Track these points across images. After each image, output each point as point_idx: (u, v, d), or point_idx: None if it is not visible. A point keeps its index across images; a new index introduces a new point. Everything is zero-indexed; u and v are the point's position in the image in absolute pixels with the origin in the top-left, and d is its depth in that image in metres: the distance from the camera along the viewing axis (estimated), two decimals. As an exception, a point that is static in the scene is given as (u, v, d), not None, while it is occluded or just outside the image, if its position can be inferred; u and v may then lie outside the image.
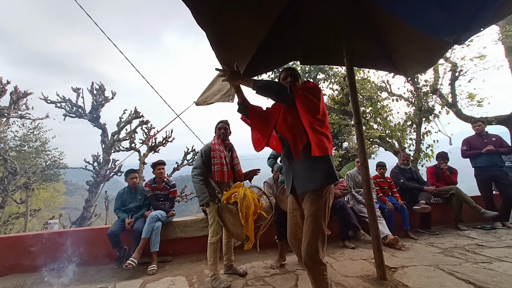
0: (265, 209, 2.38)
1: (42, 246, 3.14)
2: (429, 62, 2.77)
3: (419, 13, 2.15)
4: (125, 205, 3.49)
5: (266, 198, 2.54)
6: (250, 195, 2.30)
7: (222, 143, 2.75)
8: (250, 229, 2.20)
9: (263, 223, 2.33)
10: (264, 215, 2.33)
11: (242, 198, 2.25)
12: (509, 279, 2.21)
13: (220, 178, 2.58)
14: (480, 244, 3.28)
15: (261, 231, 2.35)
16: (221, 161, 2.63)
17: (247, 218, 2.19)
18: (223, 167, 2.62)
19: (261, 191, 2.58)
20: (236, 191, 2.36)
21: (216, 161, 2.60)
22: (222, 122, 2.85)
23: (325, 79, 8.91)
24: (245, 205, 2.22)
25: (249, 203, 2.23)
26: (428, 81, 7.37)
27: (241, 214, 2.20)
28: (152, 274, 2.82)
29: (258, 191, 2.56)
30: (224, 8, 1.73)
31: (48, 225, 9.86)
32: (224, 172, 2.61)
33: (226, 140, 2.81)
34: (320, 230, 1.57)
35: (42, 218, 17.50)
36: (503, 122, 6.56)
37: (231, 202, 2.31)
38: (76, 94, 9.69)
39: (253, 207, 2.22)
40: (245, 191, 2.32)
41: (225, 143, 2.79)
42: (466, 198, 4.13)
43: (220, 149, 2.67)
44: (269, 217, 2.39)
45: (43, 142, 16.57)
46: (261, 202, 2.38)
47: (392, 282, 2.25)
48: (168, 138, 12.05)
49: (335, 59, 3.18)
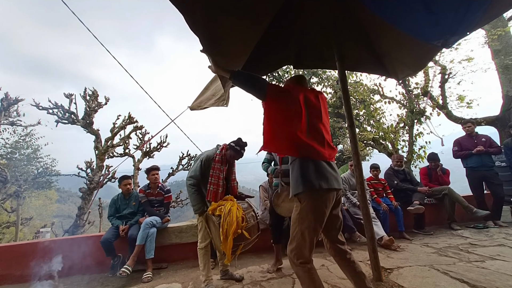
0: (249, 228, 2.30)
1: (33, 255, 3.07)
2: (418, 65, 2.84)
3: (408, 19, 2.21)
4: (119, 212, 3.44)
5: (253, 216, 2.47)
6: (235, 212, 2.24)
7: (226, 161, 2.64)
8: (228, 247, 2.14)
9: (243, 243, 2.24)
10: (246, 236, 2.24)
11: (227, 214, 2.20)
12: (502, 277, 2.24)
13: (212, 199, 2.48)
14: (473, 243, 3.33)
15: (239, 250, 2.25)
16: (218, 181, 2.52)
17: (227, 236, 2.14)
18: (218, 188, 2.51)
19: (251, 208, 2.52)
20: (223, 204, 2.32)
21: (214, 181, 2.51)
22: (241, 153, 2.65)
23: (318, 82, 9.02)
24: (227, 221, 2.17)
25: (232, 221, 2.17)
26: (419, 84, 7.52)
27: (221, 230, 2.16)
28: (147, 281, 2.78)
29: (247, 207, 2.50)
30: (217, 14, 1.75)
31: (39, 234, 9.63)
32: (218, 194, 2.51)
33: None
34: (297, 235, 1.61)
35: (34, 227, 17.11)
36: (492, 123, 6.71)
37: (216, 214, 2.27)
38: (68, 100, 9.57)
39: (234, 225, 2.16)
40: (231, 207, 2.27)
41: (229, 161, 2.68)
42: (458, 198, 4.20)
43: (220, 169, 2.56)
44: (251, 238, 2.31)
45: (35, 149, 16.32)
46: (245, 221, 2.30)
47: (388, 283, 2.26)
48: (162, 143, 11.97)
49: (327, 63, 3.23)
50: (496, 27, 6.57)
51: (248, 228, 2.30)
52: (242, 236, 2.23)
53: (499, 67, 6.62)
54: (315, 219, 1.58)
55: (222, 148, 2.67)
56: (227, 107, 3.15)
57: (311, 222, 1.58)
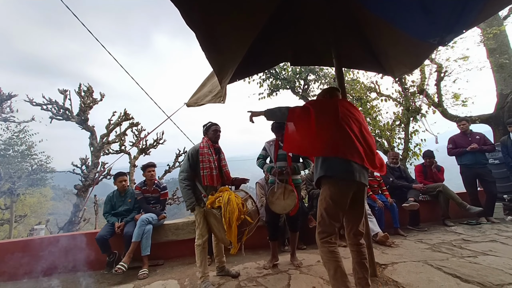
0: (250, 213, 2.34)
1: (27, 252, 3.05)
2: (415, 63, 2.85)
3: (405, 17, 2.22)
4: (115, 209, 3.42)
5: (252, 202, 2.51)
6: (234, 199, 2.27)
7: (212, 146, 2.70)
8: (233, 235, 2.18)
9: (247, 228, 2.30)
10: (249, 220, 2.29)
11: (226, 203, 2.23)
12: (494, 272, 2.29)
13: (209, 183, 2.53)
14: (466, 239, 3.39)
15: (245, 236, 2.31)
16: (210, 165, 2.57)
17: (230, 224, 2.18)
18: (212, 171, 2.57)
19: (247, 195, 2.56)
20: (220, 195, 2.34)
21: (206, 165, 2.55)
22: (216, 124, 2.79)
23: (315, 80, 9.02)
24: (228, 210, 2.20)
25: (233, 208, 2.21)
26: (415, 82, 7.56)
27: (224, 220, 2.18)
28: (143, 278, 2.78)
29: (244, 195, 2.53)
30: (214, 11, 1.73)
31: (33, 231, 9.54)
32: (213, 176, 2.57)
33: (216, 144, 2.78)
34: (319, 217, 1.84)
35: (29, 225, 16.96)
36: (486, 121, 6.79)
37: (215, 206, 2.29)
38: (63, 96, 9.44)
39: (237, 212, 2.20)
40: (230, 196, 2.30)
41: (214, 146, 2.74)
42: (452, 195, 4.25)
43: (209, 153, 2.61)
44: (254, 222, 2.36)
45: (29, 146, 16.07)
46: (245, 206, 2.34)
47: (382, 278, 2.29)
48: (159, 140, 11.89)
49: (324, 61, 3.23)
50: (492, 26, 6.62)
51: (249, 214, 2.34)
52: (245, 221, 2.27)
53: (494, 65, 6.68)
54: (333, 202, 1.77)
55: (203, 138, 2.75)
56: (224, 103, 3.14)
57: (324, 206, 1.79)
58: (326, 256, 1.73)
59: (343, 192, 1.78)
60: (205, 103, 3.33)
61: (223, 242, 2.40)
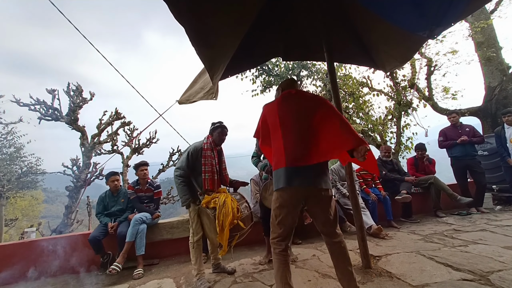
0: (243, 219, 2.33)
1: (18, 255, 2.98)
2: (405, 56, 2.87)
3: (395, 10, 2.23)
4: (108, 209, 3.37)
5: (247, 207, 2.50)
6: (230, 203, 2.26)
7: (215, 148, 2.63)
8: (224, 238, 2.17)
9: (239, 233, 2.28)
10: (241, 226, 2.28)
11: (222, 206, 2.21)
12: (484, 260, 2.35)
13: (210, 187, 2.46)
14: (457, 229, 3.46)
15: (235, 240, 2.28)
16: (212, 168, 2.50)
17: (223, 228, 2.17)
18: (213, 175, 2.50)
19: (244, 199, 2.55)
20: (217, 196, 2.33)
21: (208, 169, 2.48)
22: (225, 127, 2.67)
23: (308, 75, 9.04)
24: (223, 213, 2.18)
25: (228, 212, 2.19)
26: (406, 76, 7.65)
27: (217, 222, 2.17)
28: (138, 278, 2.76)
29: (240, 198, 2.52)
30: (203, 3, 1.70)
31: (25, 234, 9.35)
32: (214, 181, 2.50)
33: (219, 146, 2.70)
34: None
35: (21, 228, 16.58)
36: (475, 114, 6.93)
37: (210, 207, 2.28)
38: (51, 96, 9.20)
39: (230, 216, 2.18)
40: (226, 198, 2.28)
41: (217, 148, 2.66)
42: (443, 187, 4.34)
43: (211, 156, 2.53)
44: (246, 228, 2.34)
45: (18, 147, 15.67)
46: (240, 211, 2.33)
47: (376, 270, 2.33)
48: (152, 139, 11.76)
49: (316, 55, 3.23)
50: (479, 20, 6.72)
51: (242, 219, 2.32)
52: (237, 226, 2.25)
53: (482, 59, 6.80)
54: (279, 210, 1.83)
55: (208, 136, 2.65)
56: (216, 100, 3.11)
57: (276, 212, 1.85)
58: (274, 257, 1.80)
59: (286, 202, 1.80)
60: (197, 100, 3.29)
61: (212, 241, 2.40)
